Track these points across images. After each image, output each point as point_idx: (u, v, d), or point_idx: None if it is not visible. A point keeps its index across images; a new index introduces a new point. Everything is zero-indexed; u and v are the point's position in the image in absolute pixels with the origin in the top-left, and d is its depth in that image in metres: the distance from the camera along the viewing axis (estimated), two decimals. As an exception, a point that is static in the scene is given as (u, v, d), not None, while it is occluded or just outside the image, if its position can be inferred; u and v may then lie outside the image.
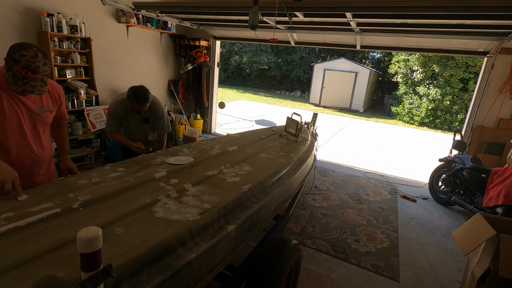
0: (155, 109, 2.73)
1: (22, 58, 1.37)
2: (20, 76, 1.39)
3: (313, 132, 3.96)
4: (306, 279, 2.39)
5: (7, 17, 3.42)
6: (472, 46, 4.51)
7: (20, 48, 1.39)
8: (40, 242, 1.02)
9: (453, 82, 11.50)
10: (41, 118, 1.66)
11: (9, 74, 1.40)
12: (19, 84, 1.40)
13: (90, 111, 4.31)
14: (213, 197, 1.52)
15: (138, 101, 2.46)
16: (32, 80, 1.42)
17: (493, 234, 1.55)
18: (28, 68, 1.39)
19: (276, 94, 19.58)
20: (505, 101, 4.38)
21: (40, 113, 1.65)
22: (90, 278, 0.72)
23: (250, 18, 2.94)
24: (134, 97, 2.46)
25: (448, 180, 4.08)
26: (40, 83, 1.45)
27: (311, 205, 3.74)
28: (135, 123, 2.74)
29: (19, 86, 1.41)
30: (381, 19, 3.78)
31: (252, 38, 6.06)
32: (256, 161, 2.17)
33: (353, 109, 14.96)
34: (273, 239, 1.86)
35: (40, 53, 1.43)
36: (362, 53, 20.42)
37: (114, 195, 1.42)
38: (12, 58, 1.37)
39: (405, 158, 6.79)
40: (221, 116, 9.34)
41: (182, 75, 6.52)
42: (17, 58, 1.37)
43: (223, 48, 21.57)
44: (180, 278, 1.10)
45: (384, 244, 3.01)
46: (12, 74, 1.39)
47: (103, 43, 4.55)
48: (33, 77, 1.41)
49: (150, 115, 2.74)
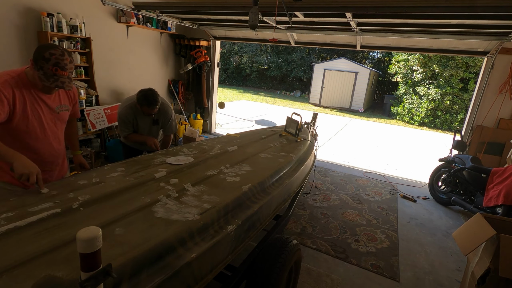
0: (165, 110, 2.77)
1: (52, 56, 1.47)
2: (51, 73, 1.49)
3: (313, 132, 3.95)
4: (306, 279, 2.39)
5: (7, 17, 3.42)
6: (472, 46, 4.51)
7: (48, 47, 1.49)
8: (40, 242, 1.02)
9: (453, 82, 11.50)
10: (60, 116, 1.77)
11: (40, 72, 1.49)
12: (51, 81, 1.50)
13: (90, 111, 4.31)
14: (213, 197, 1.52)
15: (149, 104, 2.50)
16: (61, 77, 1.52)
17: (493, 234, 1.55)
18: (58, 66, 1.49)
19: (276, 94, 19.58)
20: (505, 101, 4.38)
21: (59, 111, 1.75)
22: (90, 278, 0.72)
23: (250, 18, 2.94)
24: (144, 101, 2.50)
25: (448, 180, 4.08)
26: (67, 79, 1.56)
27: (311, 205, 3.74)
28: (146, 126, 2.76)
29: (52, 83, 1.51)
30: (381, 19, 3.78)
31: (252, 38, 6.06)
32: (256, 161, 2.17)
33: (353, 109, 14.96)
34: (273, 239, 1.86)
35: (66, 52, 1.54)
36: (362, 53, 20.42)
37: (114, 195, 1.42)
38: (42, 57, 1.47)
39: (405, 158, 6.79)
40: (221, 116, 9.34)
41: (182, 75, 6.52)
42: (47, 57, 1.47)
43: (223, 48, 21.56)
44: (180, 278, 1.10)
45: (384, 244, 3.01)
46: (43, 72, 1.49)
47: (103, 43, 4.55)
48: (62, 73, 1.51)
49: (160, 117, 2.77)
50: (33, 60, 1.51)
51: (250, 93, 18.62)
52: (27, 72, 1.57)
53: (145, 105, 2.52)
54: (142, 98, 2.51)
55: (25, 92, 1.57)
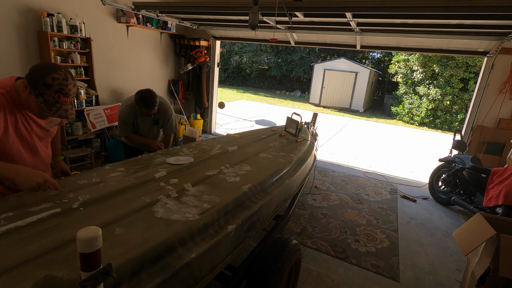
0: (165, 110, 2.76)
1: (54, 82, 1.27)
2: (53, 101, 1.30)
3: (313, 132, 3.95)
4: (306, 279, 2.39)
5: (7, 17, 3.42)
6: (472, 46, 4.51)
7: (50, 70, 1.28)
8: (40, 242, 1.02)
9: (453, 82, 11.49)
10: (49, 133, 1.63)
11: (40, 99, 1.28)
12: (53, 110, 1.31)
13: (90, 111, 4.31)
14: (213, 197, 1.52)
15: (146, 105, 2.49)
16: (64, 104, 1.34)
17: (493, 234, 1.55)
18: (61, 92, 1.30)
19: (276, 94, 19.58)
20: (505, 101, 4.38)
21: (49, 128, 1.61)
22: (90, 278, 0.72)
23: (250, 18, 2.94)
24: (142, 102, 2.49)
25: (448, 180, 4.08)
26: (70, 106, 1.38)
27: (311, 205, 3.74)
28: (146, 126, 2.76)
29: (54, 112, 1.32)
30: (381, 19, 3.78)
31: (252, 38, 6.06)
32: (256, 161, 2.17)
33: (353, 109, 14.96)
34: (273, 239, 1.86)
35: (69, 74, 1.35)
36: (362, 53, 20.42)
37: (114, 195, 1.42)
38: (43, 82, 1.26)
39: (405, 158, 6.79)
40: (221, 116, 9.34)
41: (182, 75, 6.52)
42: (49, 83, 1.26)
43: (223, 48, 21.56)
44: (180, 278, 1.10)
45: (384, 244, 3.01)
46: (44, 99, 1.28)
47: (103, 43, 4.55)
48: (65, 100, 1.33)
49: (160, 117, 2.76)
50: (30, 84, 1.28)
51: (250, 93, 18.62)
52: (18, 88, 1.34)
53: (143, 107, 2.51)
54: (139, 100, 2.49)
55: (17, 112, 1.38)
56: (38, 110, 1.32)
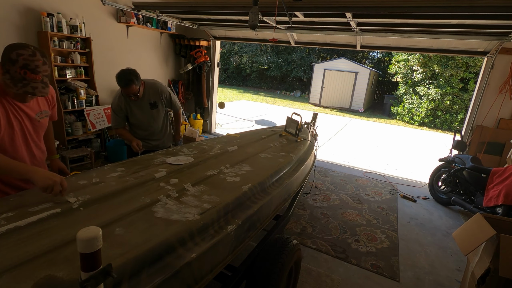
0: (160, 91, 2.63)
1: (19, 57, 1.27)
2: (19, 77, 1.28)
3: (313, 132, 3.95)
4: (306, 279, 2.39)
5: (7, 17, 3.42)
6: (472, 46, 4.51)
7: (16, 47, 1.28)
8: (40, 242, 1.02)
9: (453, 82, 11.49)
10: (41, 124, 1.60)
11: (7, 76, 1.28)
12: (18, 86, 1.29)
13: (90, 111, 4.31)
14: (213, 197, 1.52)
15: (123, 85, 2.35)
16: (33, 81, 1.31)
17: (493, 234, 1.55)
18: (27, 68, 1.28)
19: (276, 94, 19.58)
20: (505, 101, 4.38)
21: (40, 119, 1.57)
22: (90, 278, 0.72)
23: (250, 18, 2.94)
24: (118, 82, 2.34)
25: (448, 180, 4.08)
26: (41, 84, 1.35)
27: (311, 205, 3.74)
28: (143, 111, 2.61)
29: (19, 88, 1.29)
30: (381, 19, 3.78)
31: (252, 38, 6.06)
32: (256, 161, 2.17)
33: (353, 109, 14.96)
34: (273, 239, 1.87)
35: (38, 52, 1.32)
36: (362, 53, 20.42)
37: (114, 195, 1.42)
38: (8, 59, 1.27)
39: (405, 158, 6.79)
40: (221, 116, 9.34)
41: (182, 75, 6.52)
42: (14, 58, 1.26)
43: (223, 48, 21.57)
44: (180, 278, 1.10)
45: (384, 244, 3.01)
46: (10, 76, 1.28)
47: (103, 43, 4.55)
48: (33, 77, 1.30)
49: (157, 98, 2.62)
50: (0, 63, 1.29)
51: (250, 93, 18.62)
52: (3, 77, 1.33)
53: (121, 87, 2.37)
54: (117, 80, 2.33)
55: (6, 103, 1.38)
56: (5, 87, 1.32)
